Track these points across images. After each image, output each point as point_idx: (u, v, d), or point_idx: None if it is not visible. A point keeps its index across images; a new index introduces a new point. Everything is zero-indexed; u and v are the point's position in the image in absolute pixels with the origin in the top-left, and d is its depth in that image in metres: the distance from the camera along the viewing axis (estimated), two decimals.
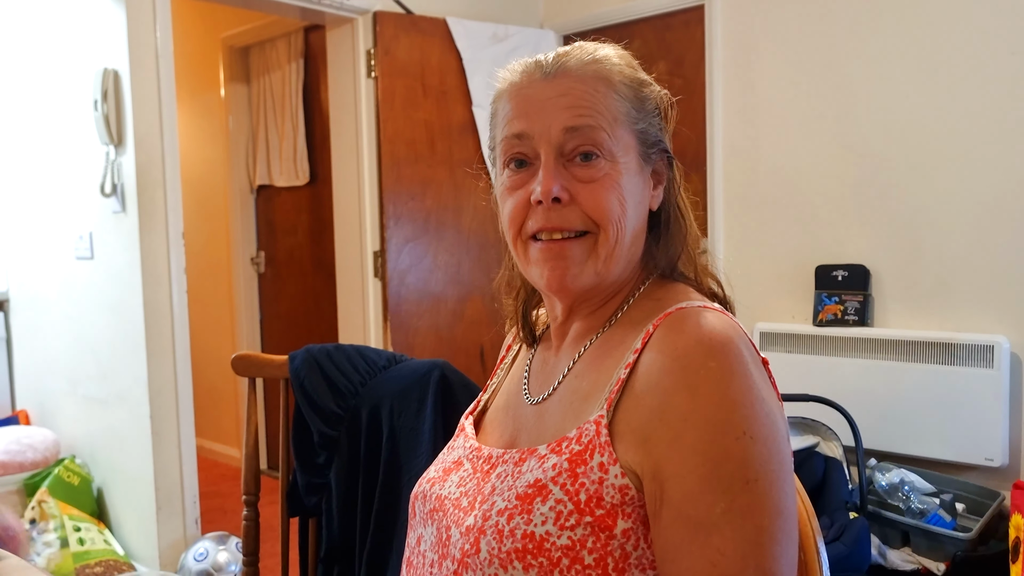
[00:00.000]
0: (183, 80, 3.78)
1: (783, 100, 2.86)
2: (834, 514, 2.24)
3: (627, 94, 0.85)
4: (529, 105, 0.84)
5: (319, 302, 3.80)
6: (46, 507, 2.77)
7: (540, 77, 0.84)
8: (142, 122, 2.64)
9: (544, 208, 0.83)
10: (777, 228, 2.89)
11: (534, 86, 0.84)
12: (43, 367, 3.25)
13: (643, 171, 0.86)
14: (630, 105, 0.85)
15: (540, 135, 0.83)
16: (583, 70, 0.84)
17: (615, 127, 0.83)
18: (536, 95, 0.84)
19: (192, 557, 2.67)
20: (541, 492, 0.77)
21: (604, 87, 0.83)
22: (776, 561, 0.71)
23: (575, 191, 0.83)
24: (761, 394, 0.75)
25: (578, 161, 0.83)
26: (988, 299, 2.45)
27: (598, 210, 0.82)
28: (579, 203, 0.82)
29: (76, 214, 2.93)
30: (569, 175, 0.83)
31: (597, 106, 0.83)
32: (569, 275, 0.84)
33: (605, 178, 0.82)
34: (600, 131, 0.82)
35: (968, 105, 2.47)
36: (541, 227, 0.84)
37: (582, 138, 0.82)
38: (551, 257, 0.84)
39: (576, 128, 0.82)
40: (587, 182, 0.83)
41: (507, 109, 0.86)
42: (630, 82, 0.86)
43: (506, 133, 0.86)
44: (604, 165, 0.83)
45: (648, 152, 0.86)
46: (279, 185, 3.97)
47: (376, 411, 1.58)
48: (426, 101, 3.09)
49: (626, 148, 0.84)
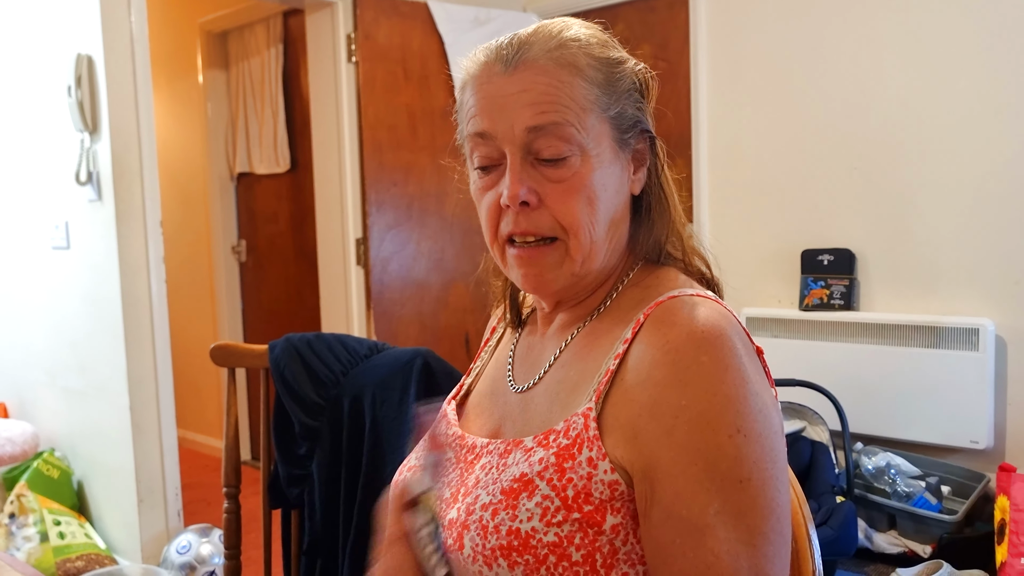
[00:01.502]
0: (160, 66, 3.72)
1: (768, 84, 2.84)
2: (821, 498, 2.24)
3: (597, 78, 0.80)
4: (490, 103, 0.79)
5: (301, 291, 3.77)
6: (25, 501, 2.73)
7: (501, 70, 0.79)
8: (117, 109, 2.59)
9: (514, 212, 0.80)
10: (763, 212, 2.88)
11: (495, 81, 0.79)
12: (20, 359, 3.20)
13: (619, 157, 0.82)
14: (600, 90, 0.80)
15: (503, 135, 0.79)
16: (546, 59, 0.78)
17: (584, 117, 0.78)
18: (498, 91, 0.79)
19: (175, 550, 2.64)
20: (527, 487, 0.75)
21: (569, 75, 0.78)
22: (770, 561, 0.69)
23: (544, 192, 0.79)
24: (754, 388, 0.73)
25: (547, 160, 0.79)
26: (973, 282, 2.45)
27: (567, 216, 0.79)
28: (548, 206, 0.79)
29: (51, 203, 2.87)
30: (538, 175, 0.79)
31: (562, 99, 0.78)
32: (545, 279, 0.82)
33: (574, 178, 0.78)
34: (567, 126, 0.78)
35: (953, 89, 2.46)
36: (511, 231, 0.81)
37: (549, 137, 0.78)
38: (526, 262, 0.81)
39: (540, 127, 0.77)
40: (557, 182, 0.79)
41: (471, 103, 0.82)
42: (600, 64, 0.80)
43: (470, 130, 0.82)
44: (574, 162, 0.79)
45: (624, 137, 0.82)
46: (259, 173, 3.92)
47: (358, 401, 1.56)
48: (408, 86, 3.05)
49: (598, 138, 0.79)
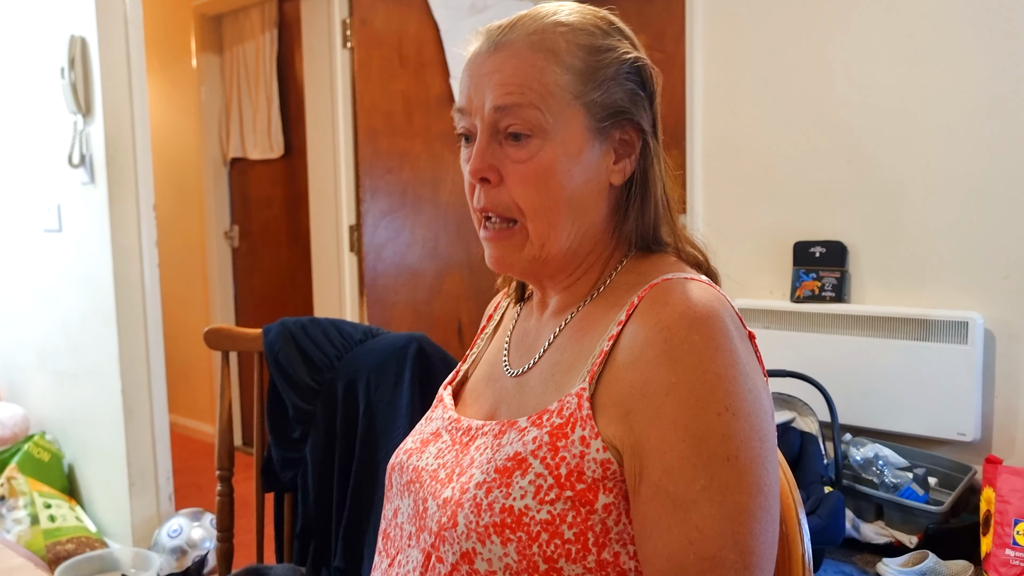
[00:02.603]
0: (153, 49, 3.70)
1: (763, 75, 2.84)
2: (809, 488, 2.25)
3: (573, 65, 0.80)
4: (471, 80, 0.83)
5: (294, 277, 3.76)
6: (15, 484, 2.73)
7: (486, 49, 0.82)
8: (111, 91, 2.58)
9: (479, 188, 0.83)
10: (756, 204, 2.89)
11: (478, 59, 0.83)
12: (11, 341, 3.19)
13: (595, 146, 0.82)
14: (573, 77, 0.80)
15: (476, 111, 0.82)
16: (524, 42, 0.80)
17: (551, 103, 0.79)
18: (477, 69, 0.82)
19: (166, 533, 2.64)
20: (521, 465, 0.76)
21: (544, 60, 0.79)
22: (755, 538, 0.70)
23: (506, 171, 0.81)
24: (745, 369, 0.73)
25: (511, 140, 0.81)
26: (963, 276, 2.47)
27: (523, 197, 0.81)
28: (508, 186, 0.81)
29: (44, 185, 2.86)
30: (503, 154, 0.81)
31: (529, 82, 0.79)
32: (506, 260, 0.84)
33: (533, 160, 0.80)
34: (530, 108, 0.79)
35: (947, 83, 2.47)
36: (477, 206, 0.84)
37: (512, 117, 0.80)
38: (492, 241, 0.84)
39: (504, 107, 0.80)
40: (518, 163, 0.80)
41: (461, 80, 0.85)
42: (580, 51, 0.81)
43: (455, 106, 0.85)
44: (535, 144, 0.80)
45: (600, 125, 0.82)
46: (253, 158, 3.91)
47: (352, 385, 1.56)
48: (403, 72, 3.04)
49: (566, 124, 0.80)
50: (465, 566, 0.75)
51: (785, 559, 0.87)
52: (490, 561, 0.74)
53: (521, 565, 0.73)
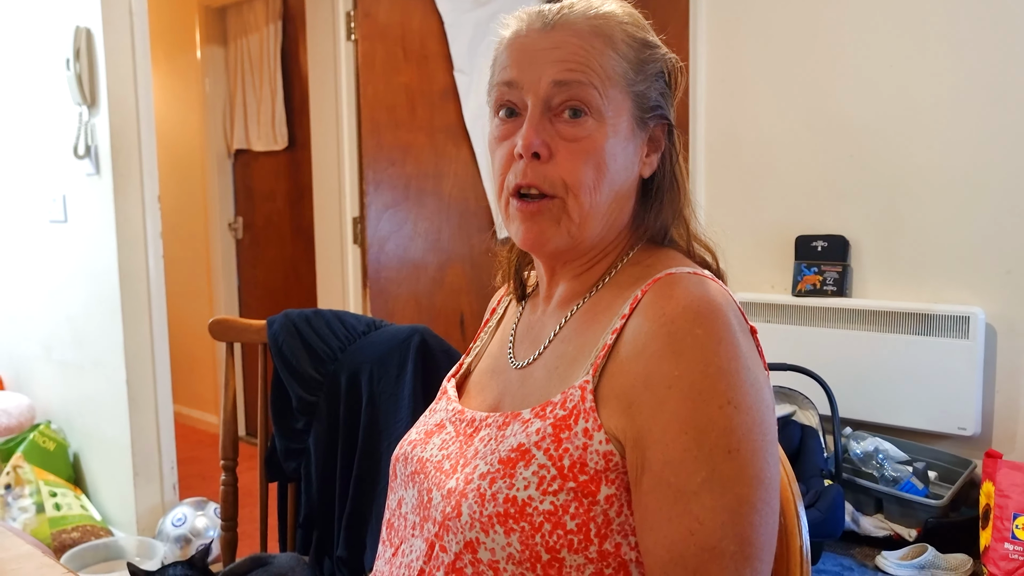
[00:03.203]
0: (158, 41, 3.70)
1: (766, 70, 2.84)
2: (809, 481, 2.27)
3: (627, 54, 0.83)
4: (523, 54, 0.83)
5: (298, 269, 3.77)
6: (21, 472, 2.75)
7: (540, 27, 0.83)
8: (116, 82, 2.58)
9: (525, 163, 0.82)
10: (758, 198, 2.89)
11: (531, 35, 0.83)
12: (17, 332, 3.21)
13: (635, 135, 0.84)
14: (628, 66, 0.82)
15: (529, 85, 0.82)
16: (584, 24, 0.82)
17: (608, 86, 0.81)
18: (531, 45, 0.82)
19: (170, 522, 2.66)
20: (524, 457, 0.76)
21: (602, 44, 0.81)
22: (755, 530, 0.70)
23: (556, 148, 0.81)
24: (747, 363, 0.74)
25: (565, 117, 0.81)
26: (965, 271, 2.47)
27: (572, 174, 0.81)
28: (557, 162, 0.81)
29: (49, 176, 2.87)
30: (554, 130, 0.81)
31: (591, 63, 0.81)
32: (543, 235, 0.83)
33: (588, 139, 0.81)
34: (590, 88, 0.80)
35: (949, 78, 2.47)
36: (519, 183, 0.82)
37: (570, 93, 0.80)
38: (527, 216, 0.83)
39: (565, 82, 0.80)
40: (570, 140, 0.81)
41: (504, 57, 0.85)
42: (633, 42, 0.83)
43: (499, 79, 0.85)
44: (590, 124, 0.81)
45: (644, 117, 0.84)
46: (257, 150, 3.92)
47: (355, 376, 1.57)
48: (407, 65, 3.04)
49: (618, 109, 0.82)
50: (468, 555, 0.76)
51: (784, 551, 0.88)
52: (493, 551, 0.75)
53: (524, 555, 0.74)
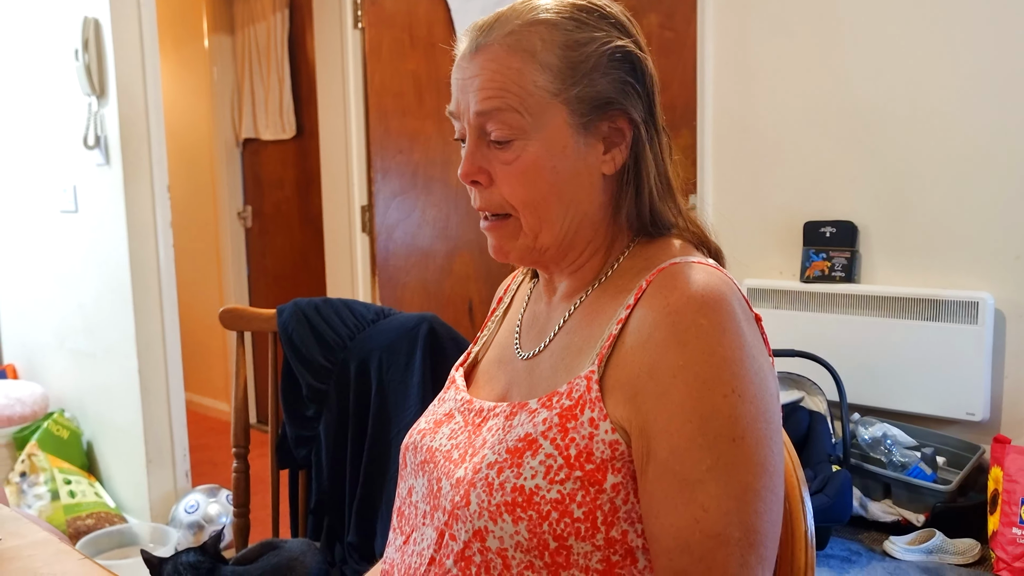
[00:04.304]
0: (166, 30, 3.71)
1: (775, 55, 2.83)
2: (817, 467, 2.27)
3: (553, 63, 0.81)
4: (456, 84, 0.85)
5: (307, 257, 3.79)
6: (36, 460, 2.78)
7: (468, 52, 0.84)
8: (124, 72, 2.59)
9: (473, 188, 0.86)
10: (766, 184, 2.88)
11: (463, 63, 0.85)
12: (30, 322, 3.24)
13: (580, 140, 0.83)
14: (551, 75, 0.81)
15: (463, 116, 0.85)
16: (501, 44, 0.81)
17: (530, 103, 0.81)
18: (462, 73, 0.84)
19: (183, 509, 2.69)
20: (531, 446, 0.77)
21: (520, 61, 0.81)
22: (760, 517, 0.71)
23: (495, 172, 0.84)
24: (751, 352, 0.75)
25: (496, 144, 0.83)
26: (974, 256, 2.46)
27: (514, 196, 0.83)
28: (498, 185, 0.84)
29: (60, 167, 2.89)
30: (491, 155, 0.84)
31: (508, 85, 0.81)
32: (503, 249, 0.87)
33: (519, 161, 0.82)
34: (509, 112, 0.81)
35: (959, 62, 2.45)
36: (474, 206, 0.87)
37: (494, 122, 0.82)
38: (489, 233, 0.88)
39: (484, 112, 0.82)
40: (505, 164, 0.83)
41: (452, 82, 0.87)
42: (559, 48, 0.81)
43: (447, 108, 0.88)
44: (519, 146, 0.82)
45: (584, 121, 0.82)
46: (265, 138, 3.92)
47: (365, 364, 1.58)
48: (414, 53, 3.04)
49: (548, 122, 0.81)
50: (477, 544, 0.77)
51: (788, 536, 0.89)
52: (501, 539, 0.76)
53: (532, 543, 0.75)
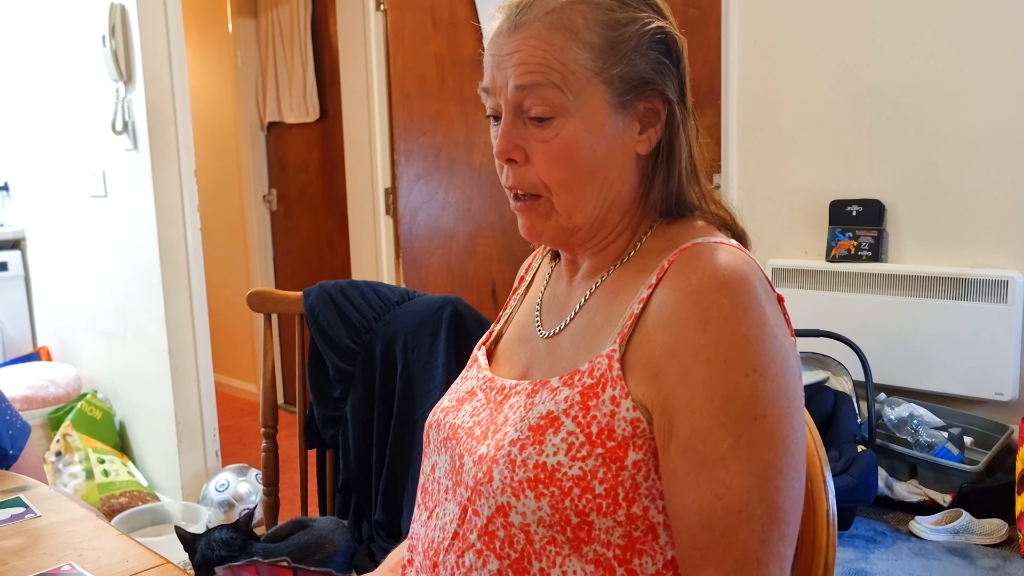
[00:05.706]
0: (190, 15, 3.73)
1: (800, 32, 2.79)
2: (842, 447, 2.27)
3: (592, 42, 0.81)
4: (493, 60, 0.84)
5: (331, 239, 3.82)
6: (70, 440, 2.85)
7: (506, 29, 0.83)
8: (151, 58, 2.62)
9: (506, 167, 0.85)
10: (792, 162, 2.86)
11: (499, 39, 0.84)
12: (62, 304, 3.30)
13: (618, 120, 0.83)
14: (592, 54, 0.81)
15: (499, 92, 0.84)
16: (542, 21, 0.81)
17: (571, 80, 0.80)
18: (499, 50, 0.83)
19: (214, 488, 2.74)
20: (553, 424, 0.78)
21: (563, 39, 0.80)
22: (782, 494, 0.72)
23: (531, 150, 0.83)
24: (773, 331, 0.75)
25: (534, 120, 0.82)
26: (1003, 234, 2.43)
27: (547, 175, 0.83)
28: (534, 164, 0.83)
29: (89, 152, 2.93)
30: (527, 133, 0.83)
31: (549, 61, 0.80)
32: (535, 229, 0.87)
33: (558, 139, 0.82)
34: (550, 88, 0.80)
35: (986, 38, 2.41)
36: (506, 184, 0.87)
37: (534, 97, 0.81)
38: (520, 212, 0.88)
39: (525, 87, 0.81)
40: (543, 142, 0.82)
41: (485, 60, 0.86)
42: (600, 27, 0.81)
43: (480, 84, 0.87)
44: (558, 124, 0.81)
45: (623, 100, 0.83)
46: (289, 122, 3.95)
47: (390, 346, 1.60)
48: (436, 35, 3.04)
49: (588, 101, 0.81)
50: (500, 519, 0.78)
51: (810, 515, 0.89)
52: (524, 515, 0.77)
53: (554, 518, 0.76)
